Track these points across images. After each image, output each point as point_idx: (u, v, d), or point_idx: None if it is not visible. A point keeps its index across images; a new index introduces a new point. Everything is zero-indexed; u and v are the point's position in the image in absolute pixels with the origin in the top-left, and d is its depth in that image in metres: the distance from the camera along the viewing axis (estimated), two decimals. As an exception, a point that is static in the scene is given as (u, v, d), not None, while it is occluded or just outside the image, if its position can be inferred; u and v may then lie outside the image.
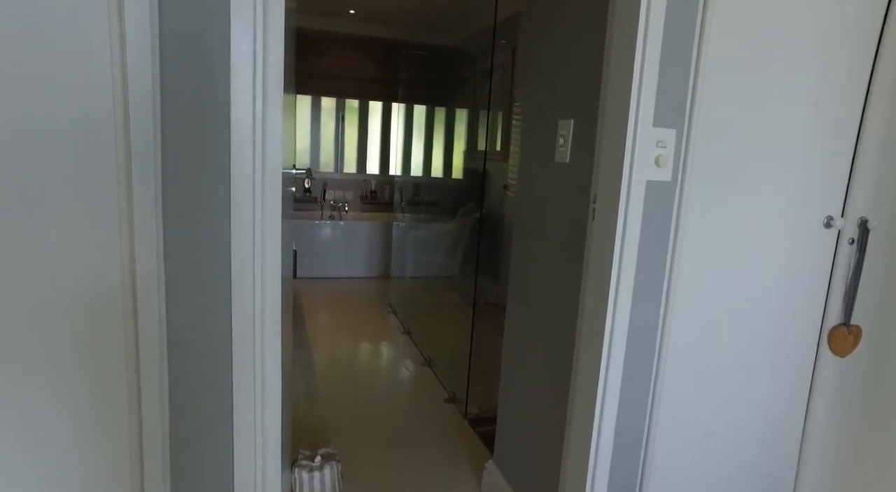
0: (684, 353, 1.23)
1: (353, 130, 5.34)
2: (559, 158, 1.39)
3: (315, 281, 4.63)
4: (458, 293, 4.44)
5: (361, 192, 5.38)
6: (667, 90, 1.07)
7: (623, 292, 1.14)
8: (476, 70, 4.81)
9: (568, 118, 1.36)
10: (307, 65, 4.96)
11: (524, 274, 1.68)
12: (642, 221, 1.12)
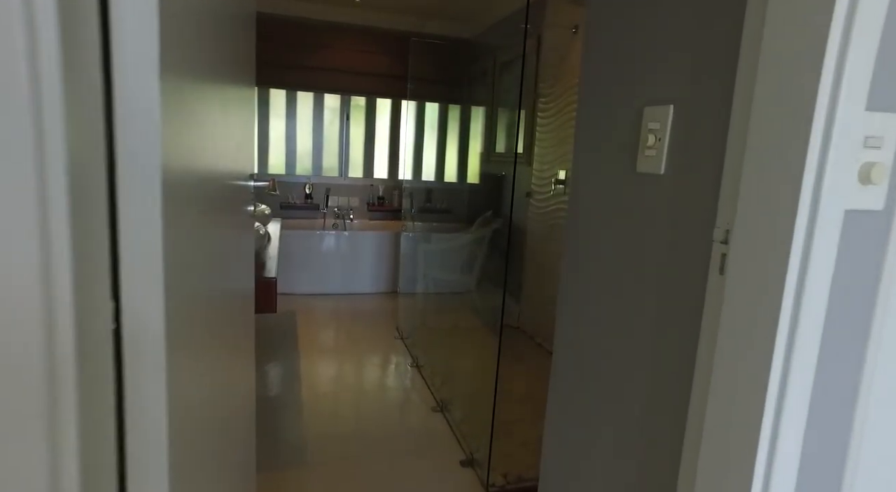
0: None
1: (360, 131, 4.88)
2: (646, 168, 0.90)
3: (315, 298, 4.17)
4: (477, 314, 3.94)
5: (368, 198, 4.91)
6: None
7: (794, 392, 0.64)
8: (495, 63, 4.32)
9: (663, 103, 0.86)
10: (308, 58, 4.50)
11: (577, 319, 1.19)
12: (832, 281, 0.62)
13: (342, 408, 2.49)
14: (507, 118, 4.25)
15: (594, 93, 1.11)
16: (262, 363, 2.94)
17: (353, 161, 4.91)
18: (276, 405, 2.46)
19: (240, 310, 1.17)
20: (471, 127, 5.02)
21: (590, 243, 1.12)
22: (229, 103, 0.98)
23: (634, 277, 0.96)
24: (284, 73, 4.47)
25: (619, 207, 1.00)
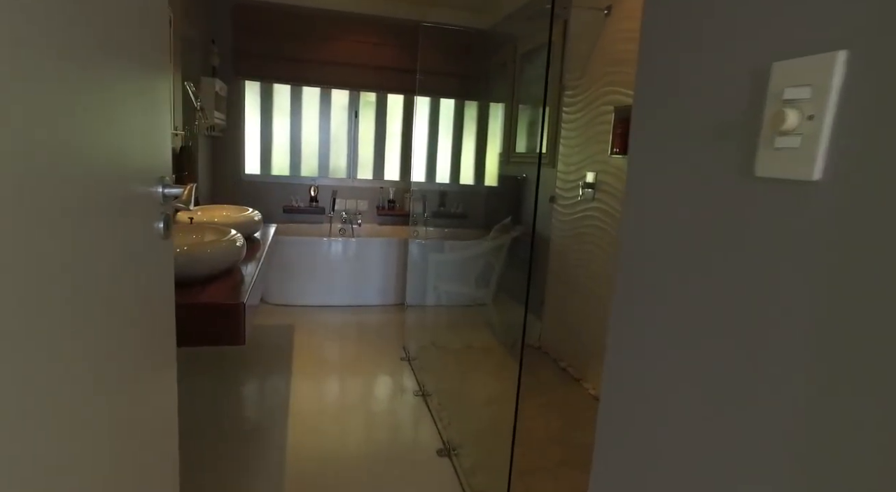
0: None
1: (370, 129, 4.54)
2: (777, 169, 0.52)
3: (316, 311, 3.83)
4: (493, 331, 3.56)
5: (378, 201, 4.57)
6: None
7: None
8: (515, 54, 3.94)
9: (820, 49, 0.48)
10: (315, 51, 4.18)
11: (639, 361, 0.81)
12: None
13: (332, 446, 2.13)
14: (529, 115, 3.87)
15: (666, 51, 0.73)
16: (245, 385, 2.61)
17: (362, 162, 4.57)
18: (253, 438, 2.12)
19: (133, 345, 0.83)
20: (489, 125, 4.65)
21: (659, 277, 0.74)
22: (104, 90, 0.64)
23: (736, 340, 0.58)
24: (289, 67, 4.15)
25: (718, 232, 0.61)
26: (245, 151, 4.30)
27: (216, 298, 1.56)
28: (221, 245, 1.81)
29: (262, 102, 4.29)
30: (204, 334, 1.55)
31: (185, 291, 1.61)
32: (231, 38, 4.02)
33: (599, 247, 2.76)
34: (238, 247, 1.90)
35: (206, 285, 1.70)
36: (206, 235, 2.04)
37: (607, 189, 2.71)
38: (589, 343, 2.83)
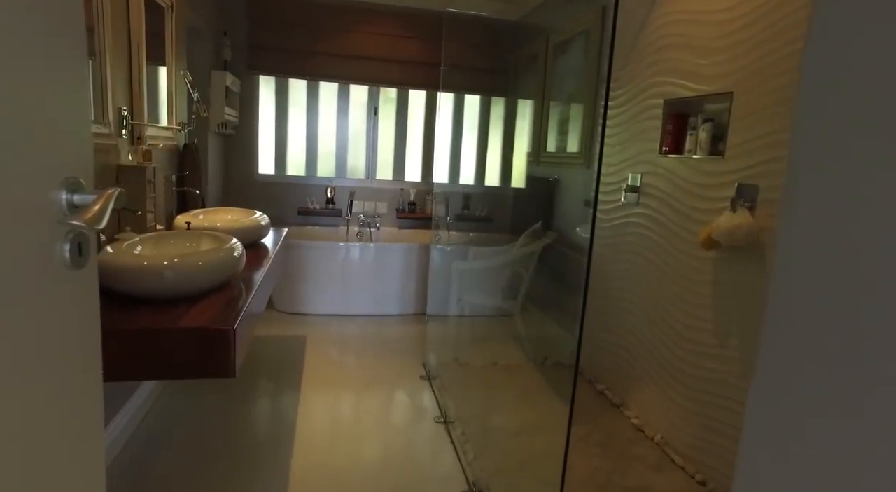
0: None
1: (390, 127, 4.29)
2: None
3: (331, 321, 3.59)
4: (520, 345, 3.27)
5: (398, 204, 4.32)
6: None
7: None
8: (548, 45, 3.64)
9: None
10: (332, 44, 3.94)
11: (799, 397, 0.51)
12: None
13: (338, 482, 1.87)
14: (562, 111, 3.57)
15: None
16: (247, 403, 2.37)
17: (381, 161, 4.32)
18: (252, 464, 1.88)
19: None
20: (516, 123, 4.35)
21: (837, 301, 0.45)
22: None
23: None
24: (305, 61, 3.93)
25: None
26: (259, 149, 4.08)
27: (200, 321, 1.31)
28: (215, 256, 1.56)
29: (276, 99, 4.08)
30: (184, 366, 1.30)
31: (167, 311, 1.36)
32: (245, 30, 3.81)
33: (644, 257, 2.45)
34: (235, 257, 1.65)
35: (195, 303, 1.46)
36: (203, 244, 1.80)
37: (654, 193, 2.40)
38: (629, 365, 2.52)
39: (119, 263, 1.39)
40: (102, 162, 1.76)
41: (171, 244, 1.76)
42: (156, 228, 2.04)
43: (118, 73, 1.84)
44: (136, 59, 1.97)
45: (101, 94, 1.70)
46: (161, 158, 2.33)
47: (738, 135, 1.88)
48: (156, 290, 1.42)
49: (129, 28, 1.93)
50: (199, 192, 2.55)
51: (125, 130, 1.89)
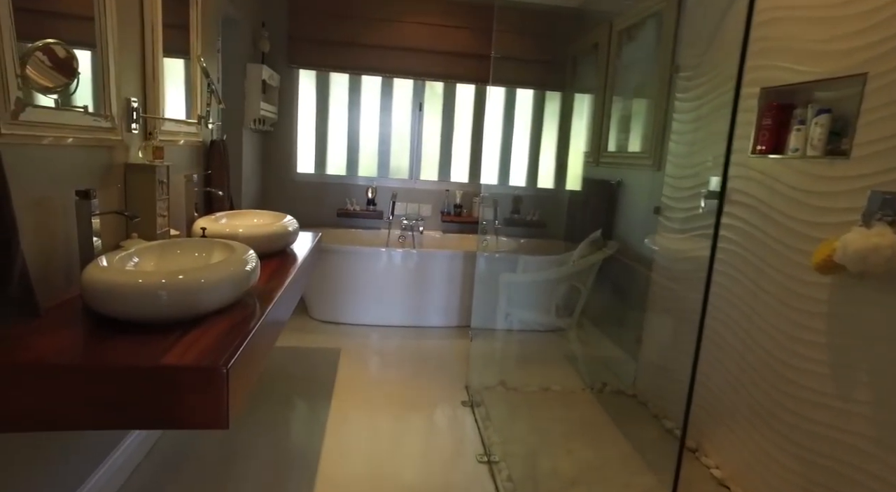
0: None
1: (435, 123, 4.01)
2: None
3: (369, 331, 3.35)
4: (575, 368, 2.92)
5: (443, 206, 4.03)
6: None
7: None
8: (611, 33, 3.27)
9: None
10: (375, 35, 3.70)
11: None
12: None
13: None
14: (625, 106, 3.19)
15: None
16: (272, 424, 2.13)
17: (426, 161, 4.05)
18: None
19: None
20: (573, 119, 3.99)
21: None
22: None
23: None
24: (347, 53, 3.70)
25: None
26: (297, 147, 3.89)
27: (188, 357, 1.06)
28: (223, 271, 1.32)
29: (317, 94, 3.88)
30: (165, 413, 1.05)
31: (153, 341, 1.12)
32: (285, 22, 3.62)
33: (730, 278, 2.06)
34: (247, 272, 1.40)
35: (193, 328, 1.21)
36: (214, 255, 1.56)
37: (745, 201, 2.00)
38: (709, 403, 2.14)
39: (105, 282, 1.16)
40: (106, 160, 1.55)
41: (177, 255, 1.53)
42: (169, 234, 1.83)
43: (126, 62, 1.63)
44: (151, 46, 1.76)
45: (101, 83, 1.49)
46: (181, 155, 2.13)
47: (872, 129, 1.48)
48: (147, 314, 1.18)
49: (143, 12, 1.72)
50: (223, 193, 2.34)
51: (135, 125, 1.68)
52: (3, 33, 1.12)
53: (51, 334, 1.13)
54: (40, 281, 1.28)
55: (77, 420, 1.03)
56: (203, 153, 2.37)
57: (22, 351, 1.04)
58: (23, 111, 1.19)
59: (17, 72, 1.17)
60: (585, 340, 3.04)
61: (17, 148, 1.19)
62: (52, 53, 1.25)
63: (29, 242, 1.24)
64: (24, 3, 1.17)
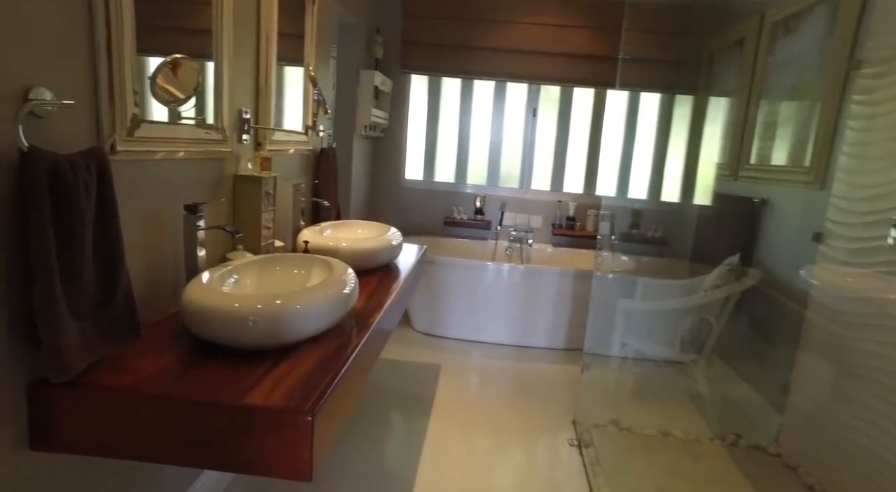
0: None
1: (550, 130, 3.77)
2: None
3: (472, 348, 3.20)
4: (704, 416, 2.55)
5: (554, 218, 3.78)
6: None
7: None
8: (762, 26, 2.83)
9: None
10: (488, 37, 3.54)
11: None
12: None
13: None
14: (772, 110, 2.74)
15: None
16: (369, 440, 2.04)
17: (538, 169, 3.83)
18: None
19: None
20: (705, 126, 3.55)
21: None
22: None
23: None
24: (459, 56, 3.58)
25: None
26: (407, 153, 3.85)
27: (274, 398, 0.96)
28: (320, 297, 1.23)
29: (429, 99, 3.81)
30: (243, 457, 0.95)
31: (242, 372, 1.04)
32: (399, 26, 3.59)
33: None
34: (345, 295, 1.30)
35: (285, 357, 1.13)
36: (313, 273, 1.49)
37: (953, 233, 1.57)
38: (875, 469, 1.71)
39: (199, 305, 1.11)
40: (216, 172, 1.54)
41: (276, 272, 1.47)
42: (273, 246, 1.80)
43: (239, 73, 1.61)
44: (265, 55, 1.74)
45: (215, 95, 1.47)
46: (290, 164, 2.11)
47: None
48: (239, 341, 1.12)
49: (259, 23, 1.70)
50: (329, 203, 2.31)
51: (246, 136, 1.66)
52: (124, 51, 1.10)
53: (148, 356, 1.09)
54: (147, 295, 1.27)
55: (159, 453, 0.97)
56: (313, 161, 2.36)
57: (118, 374, 1.00)
58: (138, 127, 1.17)
59: (134, 89, 1.15)
60: (714, 378, 2.65)
61: (131, 164, 1.17)
62: (176, 68, 1.24)
63: (138, 258, 1.23)
64: (144, 20, 1.15)
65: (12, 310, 0.93)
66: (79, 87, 1.02)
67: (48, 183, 0.89)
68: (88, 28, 1.03)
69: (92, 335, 1.02)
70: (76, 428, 0.98)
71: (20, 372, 0.96)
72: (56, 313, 0.92)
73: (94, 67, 1.05)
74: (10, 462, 0.96)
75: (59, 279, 0.93)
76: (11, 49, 0.88)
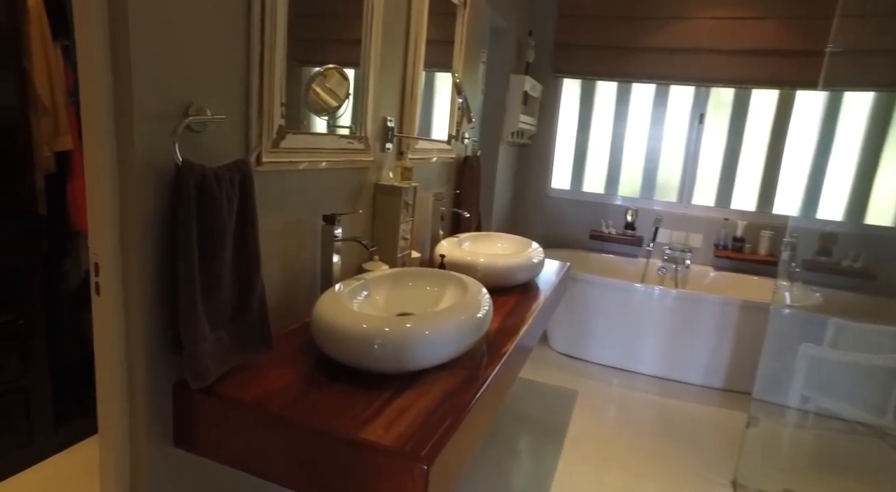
0: None
1: (719, 137, 3.32)
2: None
3: (612, 375, 2.92)
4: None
5: (718, 238, 3.33)
6: None
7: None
8: None
9: None
10: (652, 36, 3.22)
11: None
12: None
13: None
14: None
15: None
16: (500, 464, 1.92)
17: (701, 182, 3.40)
18: None
19: None
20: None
21: None
22: None
23: None
24: (618, 58, 3.31)
25: None
26: (554, 162, 3.66)
27: (387, 435, 0.87)
28: (451, 321, 1.13)
29: (581, 105, 3.58)
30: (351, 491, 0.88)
31: (362, 398, 0.98)
32: (553, 28, 3.41)
33: None
34: (478, 320, 1.20)
35: (410, 385, 1.05)
36: (446, 293, 1.40)
37: None
38: None
39: (326, 322, 1.07)
40: (356, 182, 1.53)
41: (408, 288, 1.41)
42: (409, 257, 1.76)
43: (385, 81, 1.59)
44: (412, 63, 1.70)
45: (360, 104, 1.46)
46: (432, 172, 2.07)
47: None
48: (363, 364, 1.06)
49: (408, 30, 1.67)
50: (469, 214, 2.22)
51: (389, 144, 1.63)
52: (275, 66, 1.11)
53: (275, 369, 1.08)
54: (284, 303, 1.28)
55: (275, 473, 0.95)
56: (455, 169, 2.31)
57: (245, 387, 1.00)
58: (283, 138, 1.18)
59: (282, 101, 1.16)
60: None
61: (274, 175, 1.18)
62: (328, 77, 1.24)
63: (277, 266, 1.24)
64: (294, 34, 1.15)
65: (164, 313, 0.96)
66: (232, 102, 1.04)
67: (195, 196, 0.91)
68: (245, 45, 1.05)
69: (227, 345, 1.03)
70: (205, 432, 1.00)
71: (169, 372, 1.00)
72: (195, 322, 0.94)
73: (247, 82, 1.06)
74: (157, 454, 1.01)
75: (199, 289, 0.95)
76: (176, 68, 0.90)
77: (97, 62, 0.83)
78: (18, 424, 1.74)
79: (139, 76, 0.84)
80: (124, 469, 1.00)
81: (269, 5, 1.07)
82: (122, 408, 0.97)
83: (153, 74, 0.87)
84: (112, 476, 0.99)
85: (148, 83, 0.86)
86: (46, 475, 1.74)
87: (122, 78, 0.84)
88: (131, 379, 0.96)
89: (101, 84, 0.83)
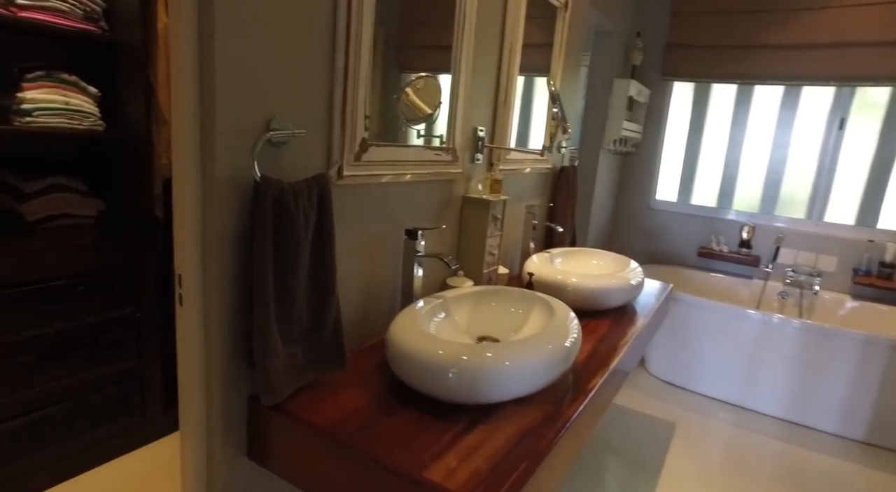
0: None
1: (865, 145, 2.88)
2: None
3: (719, 409, 2.62)
4: None
5: (858, 262, 2.89)
6: None
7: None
8: None
9: None
10: (780, 32, 2.86)
11: None
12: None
13: None
14: None
15: None
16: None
17: (837, 196, 2.97)
18: None
19: None
20: None
21: None
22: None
23: None
24: (737, 58, 2.99)
25: None
26: (660, 171, 3.40)
27: (453, 477, 0.80)
28: (533, 352, 1.04)
29: (692, 110, 3.29)
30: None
31: (432, 431, 0.92)
32: (664, 28, 3.16)
33: None
34: (565, 349, 1.09)
35: (478, 422, 0.97)
36: (531, 317, 1.30)
37: None
38: None
39: (398, 347, 1.02)
40: (443, 195, 1.47)
41: (491, 308, 1.33)
42: (496, 273, 1.67)
43: (477, 89, 1.52)
44: (506, 69, 1.62)
45: (449, 114, 1.40)
46: (525, 184, 1.97)
47: None
48: (434, 392, 1.00)
49: (503, 34, 1.59)
50: (563, 228, 2.09)
51: (479, 155, 1.57)
52: (359, 76, 1.08)
53: (347, 390, 1.05)
54: (362, 319, 1.26)
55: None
56: (550, 181, 2.19)
57: (315, 407, 0.97)
58: (366, 151, 1.15)
59: (366, 113, 1.13)
60: None
61: (356, 188, 1.16)
62: (422, 84, 1.21)
63: (356, 281, 1.22)
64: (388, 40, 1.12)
65: (241, 327, 0.97)
66: (314, 115, 1.02)
67: (272, 211, 0.90)
68: (329, 58, 1.03)
69: (300, 361, 1.01)
70: (275, 448, 0.99)
71: (245, 386, 1.00)
72: (268, 337, 0.93)
73: (331, 95, 1.04)
74: (231, 464, 1.01)
75: (273, 304, 0.93)
76: (259, 82, 0.90)
77: (185, 79, 0.84)
78: (134, 408, 1.88)
79: (223, 90, 0.84)
80: (201, 474, 1.01)
81: (354, 16, 1.04)
82: (201, 416, 0.98)
83: (236, 88, 0.86)
84: (191, 479, 1.01)
85: (231, 97, 0.86)
86: (152, 457, 1.87)
87: (206, 91, 0.84)
88: (209, 388, 0.97)
89: (188, 98, 0.84)
